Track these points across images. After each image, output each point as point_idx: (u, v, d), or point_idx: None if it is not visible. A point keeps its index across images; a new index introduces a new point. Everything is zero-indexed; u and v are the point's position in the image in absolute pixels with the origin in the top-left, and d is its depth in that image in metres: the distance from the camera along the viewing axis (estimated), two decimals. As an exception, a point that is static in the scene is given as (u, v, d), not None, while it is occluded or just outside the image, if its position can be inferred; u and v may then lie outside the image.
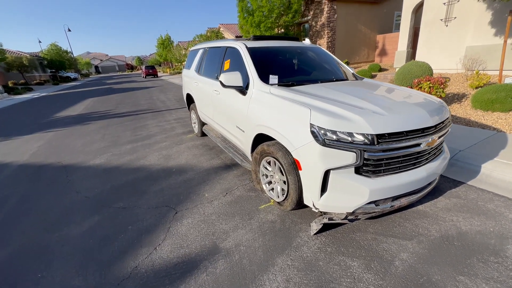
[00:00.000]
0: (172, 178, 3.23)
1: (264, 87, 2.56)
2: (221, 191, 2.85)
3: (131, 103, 10.21)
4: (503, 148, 3.26)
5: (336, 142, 1.80)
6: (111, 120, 7.21)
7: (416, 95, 2.43)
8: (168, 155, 4.06)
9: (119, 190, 3.03)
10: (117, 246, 2.08)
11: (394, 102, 2.18)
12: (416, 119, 1.93)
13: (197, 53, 4.63)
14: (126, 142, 4.93)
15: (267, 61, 3.04)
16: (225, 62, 3.37)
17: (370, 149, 1.78)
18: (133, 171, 3.54)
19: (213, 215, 2.41)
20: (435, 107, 2.15)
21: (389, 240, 1.97)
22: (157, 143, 4.73)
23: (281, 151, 2.20)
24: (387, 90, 2.62)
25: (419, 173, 2.04)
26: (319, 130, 1.84)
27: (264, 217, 2.35)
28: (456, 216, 2.20)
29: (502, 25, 6.12)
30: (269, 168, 2.51)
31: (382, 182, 1.89)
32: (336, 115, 1.87)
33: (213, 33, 21.71)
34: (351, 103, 2.07)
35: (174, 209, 2.56)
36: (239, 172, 3.29)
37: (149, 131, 5.69)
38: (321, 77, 3.08)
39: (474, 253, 1.79)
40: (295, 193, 2.17)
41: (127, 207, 2.64)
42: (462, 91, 5.92)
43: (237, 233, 2.14)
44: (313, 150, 1.87)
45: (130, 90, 15.91)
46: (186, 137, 5.03)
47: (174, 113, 7.60)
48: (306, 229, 2.15)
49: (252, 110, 2.59)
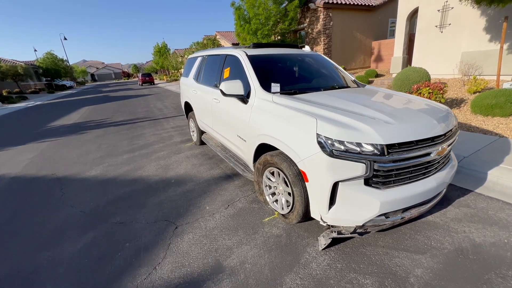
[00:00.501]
0: (171, 190, 3.12)
1: (266, 95, 2.49)
2: (222, 203, 2.74)
3: (127, 111, 10.09)
4: (507, 153, 3.22)
5: (344, 153, 1.73)
6: (107, 129, 7.08)
7: (421, 102, 2.38)
8: (166, 165, 3.96)
9: (116, 203, 2.91)
10: (114, 266, 1.96)
11: (401, 110, 2.12)
12: (425, 127, 1.87)
13: (196, 61, 4.57)
14: (123, 152, 4.81)
15: (268, 69, 2.99)
16: (224, 70, 3.32)
17: (380, 159, 1.71)
18: (131, 182, 3.43)
19: (215, 230, 2.31)
20: (442, 115, 2.10)
21: (401, 254, 1.88)
22: (155, 153, 4.62)
23: (286, 162, 2.12)
24: (391, 97, 2.57)
25: (429, 183, 1.97)
26: (326, 140, 1.77)
27: (269, 231, 2.25)
28: (468, 227, 2.12)
29: (497, 30, 6.21)
30: (272, 179, 2.43)
31: (393, 194, 1.82)
32: (344, 125, 1.80)
33: (210, 40, 21.84)
34: (358, 112, 2.00)
35: (174, 223, 2.44)
36: (241, 183, 3.20)
37: (147, 140, 5.58)
38: (323, 85, 3.03)
39: (491, 268, 1.71)
40: (301, 206, 2.08)
41: (125, 222, 2.51)
42: (460, 96, 5.95)
43: (241, 249, 2.03)
44: (321, 161, 1.79)
45: (126, 98, 15.80)
46: (185, 146, 4.93)
47: (172, 121, 7.51)
48: (314, 243, 2.05)
49: (254, 119, 2.52)
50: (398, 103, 2.37)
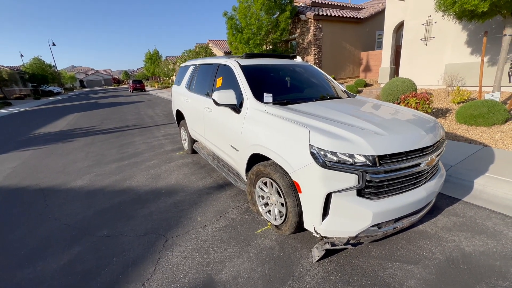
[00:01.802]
0: (162, 201, 3.04)
1: (259, 105, 2.50)
2: (214, 214, 2.69)
3: (117, 119, 9.91)
4: (492, 162, 3.33)
5: (337, 164, 1.74)
6: (95, 137, 6.91)
7: (409, 113, 2.44)
8: (156, 175, 3.87)
9: (103, 215, 2.80)
10: (100, 283, 1.86)
11: (391, 121, 2.16)
12: (415, 138, 1.91)
13: (188, 69, 4.57)
14: (111, 161, 4.68)
15: (261, 79, 3.01)
16: (217, 80, 3.32)
17: (372, 170, 1.73)
18: (119, 193, 3.32)
19: (206, 242, 2.25)
20: (430, 125, 2.15)
21: (394, 265, 1.88)
22: (144, 162, 4.52)
23: (279, 172, 2.11)
24: (381, 108, 2.63)
25: (420, 193, 2.00)
26: (319, 151, 1.78)
27: (261, 243, 2.21)
28: (457, 236, 2.16)
29: (477, 44, 6.53)
30: (265, 189, 2.41)
31: (385, 204, 1.83)
32: (336, 136, 1.81)
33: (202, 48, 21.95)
34: (349, 123, 2.03)
35: (164, 236, 2.37)
36: (233, 193, 3.15)
37: (136, 148, 5.47)
38: (314, 95, 3.07)
39: (482, 277, 1.73)
40: (294, 217, 2.07)
41: (112, 235, 2.42)
42: (445, 106, 6.16)
43: (233, 263, 1.98)
44: (314, 172, 1.79)
45: (116, 105, 15.54)
46: (176, 154, 4.86)
47: (163, 129, 7.41)
48: (307, 255, 2.03)
49: (246, 129, 2.51)
50: (388, 113, 2.43)
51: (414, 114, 2.43)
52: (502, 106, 4.60)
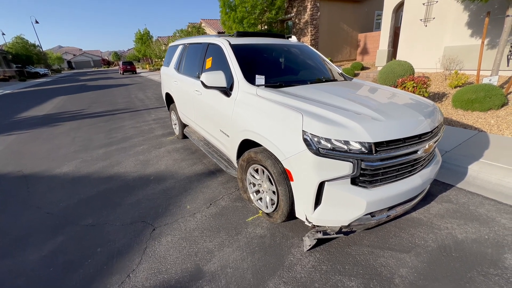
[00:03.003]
0: (150, 188, 2.94)
1: (250, 88, 2.35)
2: (204, 202, 2.61)
3: (106, 102, 9.56)
4: (486, 148, 3.29)
5: (331, 152, 1.64)
6: (83, 121, 6.65)
7: (407, 97, 2.32)
8: (146, 161, 3.74)
9: (88, 203, 2.69)
10: (83, 274, 1.79)
11: (388, 106, 2.05)
12: (414, 124, 1.81)
13: (177, 49, 4.30)
14: (99, 146, 4.51)
15: (253, 60, 2.82)
16: (206, 60, 3.11)
17: (367, 158, 1.64)
18: (106, 180, 3.20)
19: (195, 231, 2.18)
20: (429, 111, 2.05)
21: (386, 253, 1.85)
22: (134, 147, 4.37)
23: (270, 160, 2.01)
24: (378, 92, 2.50)
25: (415, 181, 1.94)
26: (312, 137, 1.67)
27: (252, 231, 2.15)
28: (450, 223, 2.13)
29: (478, 26, 6.32)
30: (256, 176, 2.32)
31: (379, 193, 1.76)
32: (331, 121, 1.70)
33: (195, 28, 21.00)
34: (345, 107, 1.91)
35: (151, 224, 2.29)
36: (224, 179, 3.07)
37: (126, 133, 5.28)
38: (309, 78, 2.92)
39: (474, 265, 1.71)
40: (286, 205, 1.99)
41: (97, 224, 2.33)
42: (442, 90, 6.06)
43: (223, 252, 1.92)
44: (306, 160, 1.70)
45: (106, 88, 15.00)
46: (166, 139, 4.70)
47: (154, 113, 7.17)
48: (298, 244, 1.98)
49: (237, 113, 2.37)
50: (385, 97, 2.31)
51: (412, 98, 2.31)
52: (499, 91, 4.52)
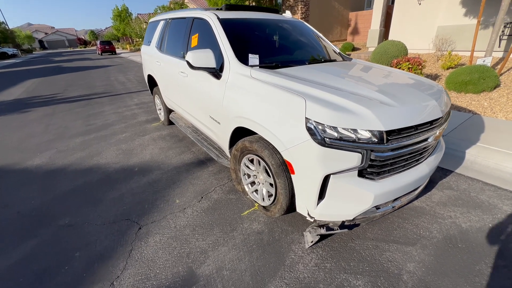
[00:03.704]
0: (134, 180, 2.69)
1: (243, 69, 2.08)
2: (195, 195, 2.41)
3: (84, 85, 8.87)
4: (482, 131, 3.25)
5: (338, 141, 1.45)
6: (58, 106, 6.11)
7: (416, 80, 2.14)
8: (129, 150, 3.45)
9: (65, 200, 2.43)
10: (59, 284, 1.58)
11: (398, 89, 1.85)
12: (426, 109, 1.65)
13: (158, 25, 3.87)
14: (76, 135, 4.13)
15: (245, 37, 2.53)
16: (192, 38, 2.78)
17: (378, 148, 1.47)
18: (84, 173, 2.91)
19: (186, 228, 1.99)
20: (439, 94, 1.89)
21: (391, 247, 1.75)
22: (115, 135, 4.03)
23: (268, 150, 1.81)
24: (384, 73, 2.30)
25: (423, 169, 1.82)
26: (317, 125, 1.47)
27: (248, 227, 1.99)
28: (453, 211, 2.06)
29: (473, 4, 6.16)
30: (252, 167, 2.13)
31: (387, 184, 1.63)
32: (337, 107, 1.50)
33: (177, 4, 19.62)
34: (352, 91, 1.71)
35: (137, 223, 2.08)
36: (216, 169, 2.86)
37: (106, 119, 4.88)
38: (307, 57, 2.67)
39: (481, 257, 1.65)
40: (285, 199, 1.83)
41: (75, 225, 2.09)
42: (434, 71, 5.97)
43: (217, 252, 1.76)
44: (310, 151, 1.51)
45: (83, 69, 13.96)
46: (151, 126, 4.38)
47: (136, 96, 6.70)
48: (299, 239, 1.85)
49: (229, 98, 2.12)
50: (392, 79, 2.12)
51: (419, 80, 2.14)
52: (493, 72, 4.45)
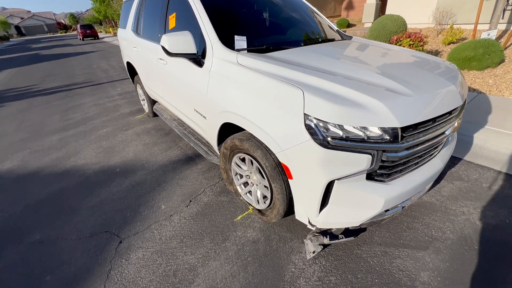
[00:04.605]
0: (116, 184, 2.44)
1: (228, 54, 1.77)
2: (182, 199, 2.18)
3: (63, 75, 8.28)
4: (489, 112, 3.03)
5: (344, 142, 1.21)
6: (33, 99, 5.65)
7: (429, 60, 1.86)
8: (110, 148, 3.15)
9: (37, 210, 2.17)
10: (26, 317, 1.38)
11: (411, 73, 1.58)
12: (446, 97, 1.40)
13: (132, 4, 3.43)
14: (52, 132, 3.78)
15: (230, 15, 2.18)
16: (169, 18, 2.41)
17: (391, 148, 1.23)
18: (60, 176, 2.63)
19: (173, 240, 1.78)
20: (456, 76, 1.63)
21: (402, 253, 1.58)
22: (95, 130, 3.70)
23: (260, 150, 1.56)
24: (391, 54, 2.00)
25: (436, 164, 1.61)
26: (318, 122, 1.22)
27: (242, 235, 1.79)
28: (466, 206, 1.89)
29: (477, -28, 5.71)
30: (243, 167, 1.89)
31: (399, 186, 1.41)
32: (343, 100, 1.23)
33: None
34: (358, 77, 1.44)
35: (117, 235, 1.85)
36: (205, 167, 2.61)
37: (86, 112, 4.51)
38: (302, 37, 2.34)
39: (503, 261, 1.48)
40: (282, 204, 1.62)
41: (47, 241, 1.85)
42: (434, 47, 5.64)
43: (208, 268, 1.56)
44: (310, 154, 1.27)
45: (63, 57, 13.11)
46: (134, 118, 4.04)
47: (119, 85, 6.25)
48: (299, 248, 1.66)
49: (213, 89, 1.82)
50: (403, 62, 1.82)
51: (432, 60, 1.86)
52: (499, 47, 4.17)
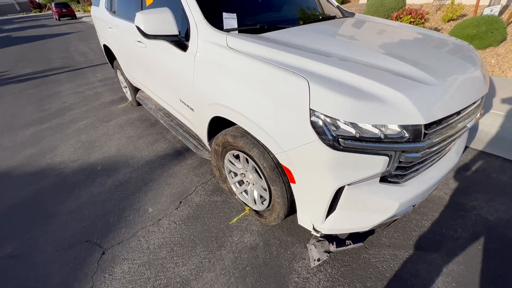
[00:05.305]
0: (97, 184, 2.21)
1: (216, 36, 1.50)
2: (172, 200, 1.98)
3: (38, 59, 7.63)
4: (493, 95, 2.89)
5: (357, 143, 1.02)
6: (4, 88, 5.16)
7: (446, 41, 1.64)
8: (90, 142, 2.88)
9: (8, 219, 1.94)
10: None
11: (430, 56, 1.35)
12: (472, 85, 1.21)
13: (104, -23, 3.00)
14: (25, 125, 3.44)
15: (216, -12, 1.86)
16: (146, -8, 2.07)
17: (412, 148, 1.05)
18: (35, 177, 2.38)
19: (162, 249, 1.61)
20: (479, 59, 1.43)
21: (413, 255, 1.46)
22: (74, 122, 3.39)
23: (257, 148, 1.36)
24: (403, 33, 1.75)
25: (452, 159, 1.47)
26: (326, 119, 1.02)
27: (239, 240, 1.63)
28: (476, 199, 1.77)
29: None
30: (238, 165, 1.69)
31: (414, 187, 1.25)
32: (357, 92, 1.02)
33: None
34: (370, 62, 1.22)
35: (99, 245, 1.66)
36: (196, 162, 2.40)
37: (63, 102, 4.13)
38: (299, 15, 2.06)
39: (518, 261, 1.39)
40: (283, 208, 1.45)
41: (20, 255, 1.65)
42: (434, 25, 5.37)
43: (202, 281, 1.41)
44: (317, 157, 1.07)
45: (37, 39, 12.13)
46: (117, 108, 3.72)
47: (100, 70, 5.79)
48: (302, 253, 1.52)
49: (200, 77, 1.57)
50: (420, 43, 1.58)
51: (449, 41, 1.65)
52: (502, 24, 3.96)
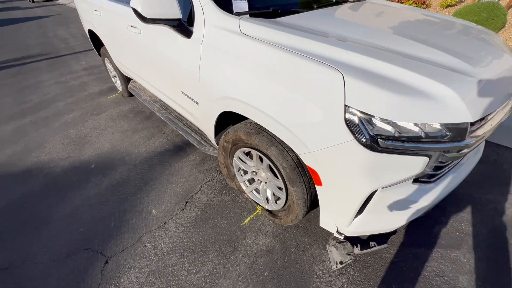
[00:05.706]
0: (92, 184, 2.04)
1: (227, 20, 1.33)
2: (177, 200, 1.85)
3: (12, 46, 7.01)
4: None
5: (397, 143, 0.92)
6: (-23, 77, 4.72)
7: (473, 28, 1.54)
8: (80, 137, 2.66)
9: (-6, 225, 1.76)
10: None
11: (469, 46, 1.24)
12: (510, 76, 1.12)
13: (86, -48, 2.67)
14: (5, 119, 3.15)
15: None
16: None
17: (454, 148, 0.96)
18: (21, 178, 2.17)
19: (171, 255, 1.49)
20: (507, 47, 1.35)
21: (434, 254, 1.42)
22: (60, 115, 3.12)
23: (276, 147, 1.24)
24: (428, 20, 1.62)
25: (477, 154, 1.42)
26: (363, 117, 0.91)
27: (254, 242, 1.54)
28: (490, 193, 1.75)
29: None
30: (249, 163, 1.57)
31: (444, 185, 1.20)
32: (398, 86, 0.91)
33: None
34: (406, 52, 1.10)
35: (101, 253, 1.53)
36: (199, 158, 2.26)
37: (45, 93, 3.81)
38: (311, -3, 1.89)
39: (540, 257, 1.38)
40: (302, 209, 1.36)
41: (10, 268, 1.49)
42: (432, 11, 5.29)
43: (219, 290, 1.32)
44: (352, 158, 0.97)
45: (9, 23, 11.15)
46: (106, 99, 3.47)
47: (84, 58, 5.38)
48: (322, 255, 1.45)
49: (207, 67, 1.41)
50: (450, 30, 1.45)
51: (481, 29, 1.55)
52: (503, 10, 3.92)
